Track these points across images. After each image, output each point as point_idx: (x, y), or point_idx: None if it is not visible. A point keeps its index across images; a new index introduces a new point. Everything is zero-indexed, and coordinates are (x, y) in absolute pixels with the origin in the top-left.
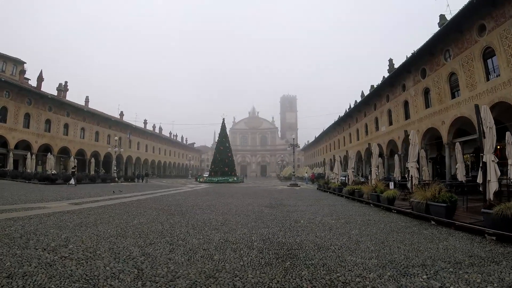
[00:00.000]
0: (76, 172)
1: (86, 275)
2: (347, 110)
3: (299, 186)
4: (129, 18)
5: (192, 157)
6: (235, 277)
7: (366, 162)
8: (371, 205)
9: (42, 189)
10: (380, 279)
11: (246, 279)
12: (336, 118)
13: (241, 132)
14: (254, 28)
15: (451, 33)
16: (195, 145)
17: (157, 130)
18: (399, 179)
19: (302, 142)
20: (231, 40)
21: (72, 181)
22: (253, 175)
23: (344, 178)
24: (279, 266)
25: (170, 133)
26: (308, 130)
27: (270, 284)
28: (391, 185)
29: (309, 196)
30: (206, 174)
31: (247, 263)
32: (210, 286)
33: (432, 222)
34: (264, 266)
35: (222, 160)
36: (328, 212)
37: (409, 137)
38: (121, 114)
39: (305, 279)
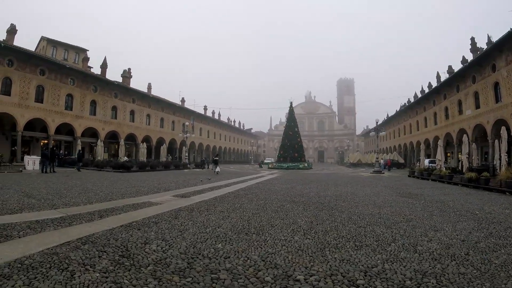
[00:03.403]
0: (218, 160)
1: None
2: (417, 94)
3: (383, 173)
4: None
5: (254, 143)
6: None
7: (444, 148)
8: (506, 193)
9: (122, 178)
10: None
11: None
12: (401, 103)
13: (298, 117)
14: (307, 11)
15: None
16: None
17: (216, 116)
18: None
19: (360, 127)
20: (286, 28)
21: (218, 169)
22: (310, 161)
23: (434, 164)
24: None
25: (228, 119)
26: (367, 114)
27: None
28: None
29: (419, 185)
30: (267, 160)
31: None
32: None
33: None
34: None
35: (292, 145)
36: (480, 202)
37: None
38: (182, 100)
39: None
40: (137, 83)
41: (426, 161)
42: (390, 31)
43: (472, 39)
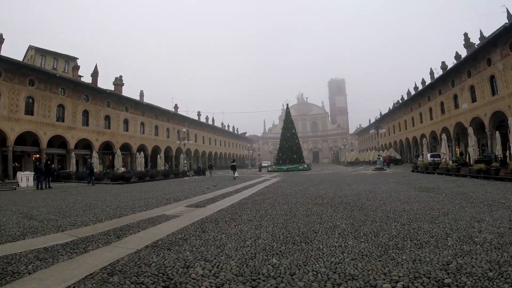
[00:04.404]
0: (235, 167)
1: None
2: (410, 91)
3: (385, 169)
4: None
5: (249, 147)
6: None
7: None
8: None
9: (124, 190)
10: None
11: None
12: (394, 100)
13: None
14: (297, 14)
15: None
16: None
17: (210, 122)
18: (501, 157)
19: (352, 126)
20: (277, 33)
21: (236, 174)
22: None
23: (437, 158)
24: None
25: (222, 124)
26: (359, 113)
27: None
28: None
29: (428, 179)
30: (264, 163)
31: None
32: None
33: None
34: None
35: (290, 147)
36: (499, 192)
37: None
38: (176, 107)
39: None
40: (129, 91)
41: (428, 156)
42: (379, 32)
43: (465, 34)
